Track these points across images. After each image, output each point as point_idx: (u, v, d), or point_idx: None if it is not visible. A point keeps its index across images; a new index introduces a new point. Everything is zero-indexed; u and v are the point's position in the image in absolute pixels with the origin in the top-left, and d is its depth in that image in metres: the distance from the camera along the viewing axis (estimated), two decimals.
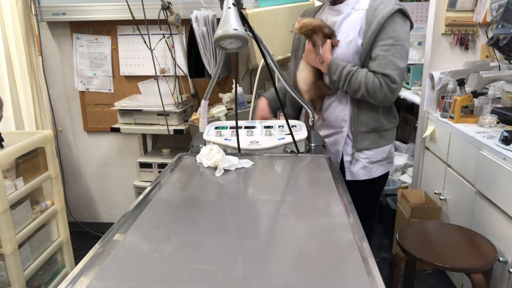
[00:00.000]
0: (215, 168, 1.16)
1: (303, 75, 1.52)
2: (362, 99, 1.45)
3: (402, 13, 1.41)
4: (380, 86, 1.38)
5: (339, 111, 1.51)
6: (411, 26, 1.46)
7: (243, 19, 1.10)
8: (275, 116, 1.71)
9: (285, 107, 1.70)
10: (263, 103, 1.66)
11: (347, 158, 1.54)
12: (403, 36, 1.40)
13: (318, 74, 1.52)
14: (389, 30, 1.38)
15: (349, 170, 1.54)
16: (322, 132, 1.56)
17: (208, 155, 1.19)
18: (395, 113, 1.57)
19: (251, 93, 2.55)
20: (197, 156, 1.24)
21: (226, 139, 1.34)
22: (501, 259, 1.59)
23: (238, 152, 1.29)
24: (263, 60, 1.26)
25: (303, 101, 1.38)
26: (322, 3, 1.58)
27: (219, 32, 0.99)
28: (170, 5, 2.25)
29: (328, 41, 1.45)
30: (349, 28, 1.45)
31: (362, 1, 1.46)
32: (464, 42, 2.33)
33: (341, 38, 1.46)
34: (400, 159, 3.04)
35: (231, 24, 0.99)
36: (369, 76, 1.39)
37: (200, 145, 1.38)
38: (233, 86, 1.57)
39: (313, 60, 1.48)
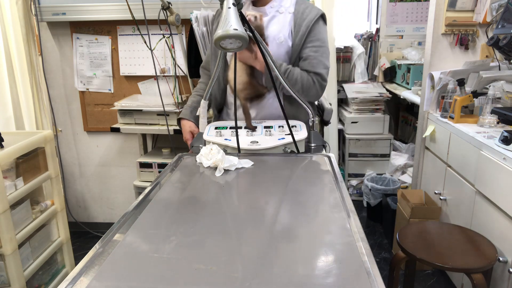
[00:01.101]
0: (215, 168, 1.16)
1: (237, 75, 1.50)
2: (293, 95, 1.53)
3: (324, 18, 1.56)
4: (313, 83, 1.52)
5: (274, 108, 1.58)
6: None
7: (243, 19, 1.10)
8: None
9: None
10: (187, 124, 1.67)
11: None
12: (326, 38, 1.56)
13: (251, 73, 1.52)
14: (316, 32, 1.52)
15: None
16: None
17: (208, 155, 1.19)
18: (315, 106, 1.76)
19: None
20: (197, 156, 1.24)
21: (226, 139, 1.34)
22: (501, 259, 1.59)
23: (238, 152, 1.29)
24: None
25: (303, 102, 1.38)
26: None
27: (219, 32, 0.99)
28: (170, 5, 2.25)
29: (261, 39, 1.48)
30: (278, 30, 1.52)
31: (285, 4, 1.54)
32: (464, 42, 2.33)
33: (270, 39, 1.51)
34: (400, 159, 3.05)
35: (231, 24, 0.99)
36: (303, 74, 1.51)
37: (200, 145, 1.38)
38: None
39: (247, 57, 1.48)
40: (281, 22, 1.53)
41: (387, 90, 3.25)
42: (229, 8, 1.03)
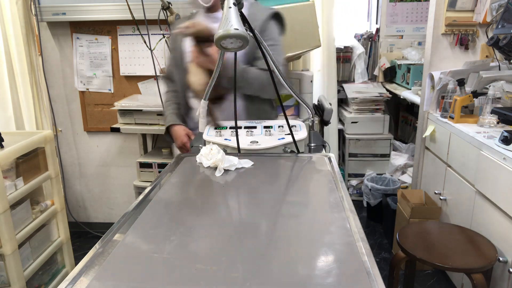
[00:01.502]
0: (215, 168, 1.16)
1: (197, 78, 1.55)
2: (253, 93, 1.60)
3: (277, 17, 1.62)
4: (260, 73, 1.55)
5: (233, 107, 1.57)
6: (283, 26, 1.69)
7: (244, 19, 1.10)
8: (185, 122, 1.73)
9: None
10: (181, 128, 1.68)
11: None
12: (278, 37, 1.62)
13: (210, 75, 1.53)
14: (268, 33, 1.58)
15: None
16: None
17: (208, 155, 1.19)
18: (274, 102, 1.77)
19: None
20: (197, 156, 1.24)
21: (226, 139, 1.34)
22: (501, 259, 1.59)
23: (238, 152, 1.29)
24: None
25: (303, 101, 1.38)
26: (195, 10, 1.68)
27: (220, 32, 0.99)
28: (170, 5, 2.25)
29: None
30: None
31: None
32: (464, 42, 2.33)
33: None
34: (400, 159, 3.05)
35: (231, 23, 0.99)
36: (261, 72, 1.55)
37: (200, 145, 1.38)
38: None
39: (203, 61, 1.50)
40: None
41: (387, 90, 3.26)
42: (230, 7, 1.03)
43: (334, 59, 2.85)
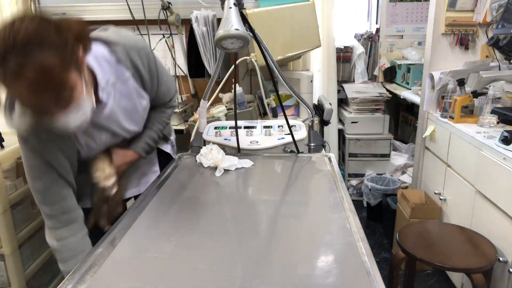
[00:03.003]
0: (215, 168, 1.16)
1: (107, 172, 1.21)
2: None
3: (143, 47, 1.22)
4: (172, 110, 1.36)
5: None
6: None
7: (244, 19, 1.10)
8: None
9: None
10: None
11: None
12: (156, 59, 1.26)
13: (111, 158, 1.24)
14: (153, 68, 1.22)
15: None
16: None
17: (208, 155, 1.19)
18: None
19: (251, 93, 2.55)
20: (197, 156, 1.24)
21: (225, 139, 1.34)
22: (501, 259, 1.59)
23: (238, 152, 1.29)
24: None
25: (303, 101, 1.39)
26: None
27: (221, 32, 0.99)
28: (170, 5, 2.25)
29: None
30: (131, 102, 1.20)
31: (106, 71, 1.11)
32: (464, 42, 2.33)
33: (128, 114, 1.21)
34: (400, 159, 3.05)
35: (232, 24, 0.99)
36: (162, 117, 1.33)
37: (199, 145, 1.38)
38: (233, 86, 1.57)
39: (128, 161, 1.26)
40: (125, 93, 1.17)
41: (387, 90, 3.25)
42: (230, 8, 1.03)
43: (334, 59, 2.85)
